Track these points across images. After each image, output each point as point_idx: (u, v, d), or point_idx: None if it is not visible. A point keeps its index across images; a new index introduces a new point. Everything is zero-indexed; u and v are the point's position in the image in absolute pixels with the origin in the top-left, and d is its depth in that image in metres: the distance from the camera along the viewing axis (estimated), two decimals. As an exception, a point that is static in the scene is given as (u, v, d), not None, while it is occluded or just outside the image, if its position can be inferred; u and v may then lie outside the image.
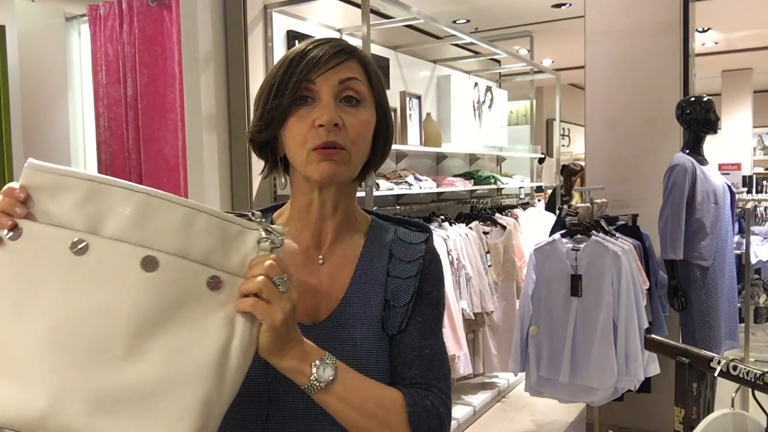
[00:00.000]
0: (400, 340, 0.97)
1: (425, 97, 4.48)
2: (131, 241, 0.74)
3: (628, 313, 2.94)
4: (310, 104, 0.92)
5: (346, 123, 0.92)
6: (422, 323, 0.98)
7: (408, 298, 0.97)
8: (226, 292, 0.78)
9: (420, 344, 0.97)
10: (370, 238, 1.02)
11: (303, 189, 0.98)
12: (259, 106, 0.95)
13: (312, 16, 3.48)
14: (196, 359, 0.75)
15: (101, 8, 3.30)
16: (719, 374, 1.41)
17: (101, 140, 3.32)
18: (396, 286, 0.98)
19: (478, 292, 3.80)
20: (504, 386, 4.48)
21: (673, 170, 3.21)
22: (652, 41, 3.60)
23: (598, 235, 3.08)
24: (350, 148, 0.93)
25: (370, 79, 0.97)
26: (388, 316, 0.97)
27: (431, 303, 1.00)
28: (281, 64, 0.94)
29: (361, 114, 0.94)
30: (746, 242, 3.75)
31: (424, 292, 0.99)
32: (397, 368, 0.96)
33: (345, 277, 0.98)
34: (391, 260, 1.00)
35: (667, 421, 1.82)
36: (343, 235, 1.01)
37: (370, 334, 0.95)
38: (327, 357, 0.85)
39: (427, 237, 1.03)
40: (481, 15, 5.91)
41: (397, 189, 3.67)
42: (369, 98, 0.96)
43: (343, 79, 0.93)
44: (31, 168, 0.76)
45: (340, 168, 0.92)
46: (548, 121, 9.73)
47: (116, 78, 3.25)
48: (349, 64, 0.94)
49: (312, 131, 0.91)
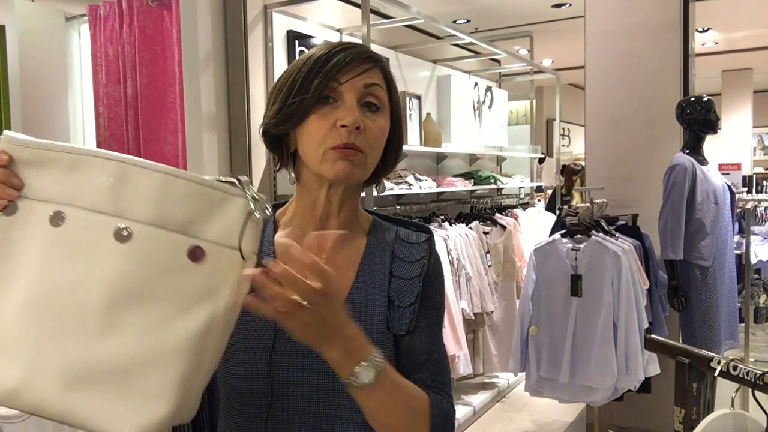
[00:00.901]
0: (410, 343, 0.97)
1: (425, 97, 4.48)
2: (105, 211, 0.71)
3: (628, 313, 2.94)
4: (332, 104, 0.93)
5: (367, 127, 0.93)
6: (429, 326, 0.99)
7: (413, 299, 0.98)
8: (210, 263, 0.73)
9: (429, 348, 0.98)
10: (373, 238, 1.03)
11: (311, 186, 0.99)
12: (278, 100, 0.95)
13: (312, 16, 3.48)
14: (176, 335, 0.72)
15: (101, 8, 3.29)
16: (719, 374, 1.41)
17: (101, 140, 3.32)
18: (400, 286, 0.98)
19: (478, 292, 3.80)
20: (504, 386, 4.48)
21: (673, 170, 3.21)
22: (652, 41, 3.60)
23: (598, 235, 3.08)
24: (368, 152, 0.94)
25: (389, 87, 0.99)
26: (393, 316, 0.97)
27: (435, 306, 1.01)
28: (305, 61, 0.94)
29: (379, 120, 0.96)
30: (746, 242, 3.74)
31: (429, 295, 1.00)
32: (407, 371, 0.96)
33: (348, 277, 0.99)
34: (394, 260, 1.00)
35: (667, 421, 1.82)
36: (346, 235, 1.01)
37: (375, 334, 0.94)
38: (373, 357, 0.83)
39: (428, 237, 1.04)
40: (481, 15, 5.91)
41: (397, 189, 3.67)
42: (387, 106, 0.98)
43: (368, 84, 0.94)
44: (10, 142, 0.73)
45: (356, 169, 0.93)
46: (548, 121, 9.73)
47: (116, 78, 3.25)
48: (374, 71, 0.96)
49: (333, 131, 0.92)
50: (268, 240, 1.03)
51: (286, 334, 0.91)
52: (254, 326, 0.96)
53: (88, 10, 3.36)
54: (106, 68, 3.28)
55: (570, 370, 3.05)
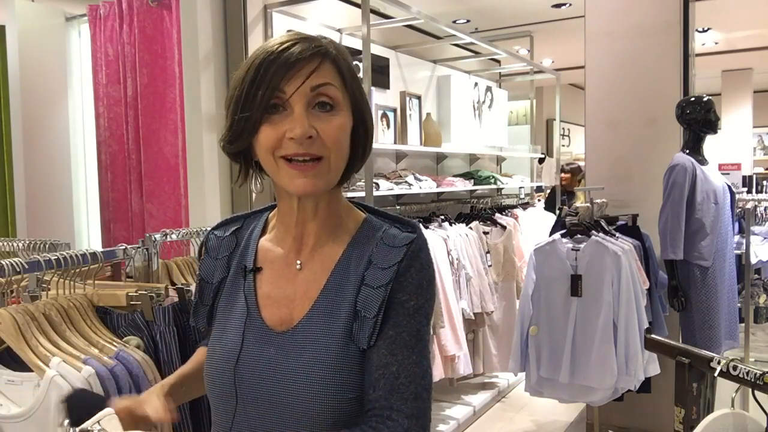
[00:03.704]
0: (368, 358, 0.90)
1: (425, 97, 4.48)
2: None
3: (628, 313, 2.94)
4: (281, 112, 0.89)
5: (321, 131, 0.89)
6: (394, 337, 0.90)
7: (376, 309, 0.90)
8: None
9: (386, 361, 0.89)
10: (354, 242, 0.97)
11: (282, 195, 0.97)
12: (228, 114, 0.92)
13: (312, 16, 3.48)
14: None
15: (101, 8, 3.29)
16: (719, 374, 1.41)
17: (101, 140, 3.32)
18: (367, 295, 0.91)
19: (478, 292, 3.80)
20: (504, 386, 4.48)
21: (673, 170, 3.20)
22: (652, 41, 3.60)
23: (598, 235, 3.08)
24: (328, 156, 0.90)
25: (344, 80, 0.93)
26: (358, 328, 0.91)
27: (407, 313, 0.91)
28: (247, 69, 0.89)
29: (335, 119, 0.90)
30: (746, 242, 3.74)
31: (399, 302, 0.91)
32: (365, 389, 0.90)
33: (319, 284, 0.95)
34: (369, 267, 0.93)
35: (667, 421, 1.82)
36: (326, 239, 0.98)
37: (332, 346, 0.90)
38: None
39: (411, 240, 0.94)
40: (481, 15, 5.90)
41: (397, 189, 3.67)
42: (344, 101, 0.92)
43: (315, 86, 0.89)
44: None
45: (319, 181, 0.90)
46: (548, 121, 9.72)
47: (116, 78, 3.25)
48: (321, 67, 0.90)
49: (284, 141, 0.89)
50: (254, 241, 1.02)
51: (252, 344, 0.93)
52: (227, 333, 0.97)
53: (88, 10, 3.36)
54: (106, 68, 3.28)
55: (570, 370, 3.05)
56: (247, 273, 0.99)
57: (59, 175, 3.49)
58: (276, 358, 0.92)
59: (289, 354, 0.91)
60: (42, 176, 3.38)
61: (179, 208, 3.07)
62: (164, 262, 1.96)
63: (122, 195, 3.25)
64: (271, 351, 0.92)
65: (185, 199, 3.03)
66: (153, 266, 1.83)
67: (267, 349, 0.93)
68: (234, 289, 1.00)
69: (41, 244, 2.01)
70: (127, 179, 3.23)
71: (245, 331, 0.95)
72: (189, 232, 2.02)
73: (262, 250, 1.01)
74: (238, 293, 0.99)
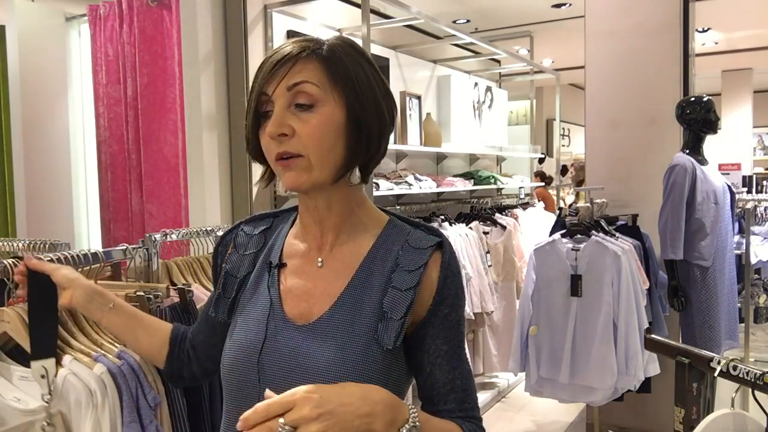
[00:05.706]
0: (431, 374, 0.96)
1: (425, 97, 4.48)
2: None
3: (628, 313, 2.94)
4: (270, 118, 0.93)
5: (297, 130, 0.91)
6: (449, 352, 0.96)
7: (404, 311, 0.93)
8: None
9: (451, 376, 0.96)
10: (379, 243, 0.99)
11: (300, 195, 1.01)
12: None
13: (312, 16, 3.48)
14: None
15: (101, 8, 3.29)
16: (719, 374, 1.41)
17: (101, 140, 3.32)
18: (394, 297, 0.94)
19: (478, 292, 3.80)
20: (504, 386, 4.48)
21: (673, 170, 3.20)
22: (652, 41, 3.60)
23: (598, 235, 3.08)
24: (306, 153, 0.92)
25: (331, 77, 0.92)
26: (383, 329, 0.93)
27: (452, 326, 0.97)
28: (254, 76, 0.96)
29: (314, 118, 0.91)
30: (746, 242, 3.74)
31: (443, 315, 0.95)
32: (432, 402, 0.96)
33: (341, 282, 0.97)
34: (396, 269, 0.96)
35: (667, 421, 1.82)
36: (346, 237, 1.00)
37: (354, 344, 0.92)
38: (411, 419, 0.83)
39: (436, 243, 0.97)
40: (481, 15, 5.91)
41: (397, 189, 3.67)
42: (327, 97, 0.92)
43: (290, 85, 0.91)
44: None
45: (302, 176, 0.93)
46: (548, 121, 9.73)
47: (116, 78, 3.24)
48: (300, 66, 0.92)
49: (270, 143, 0.93)
50: (281, 239, 1.06)
51: (274, 335, 0.96)
52: (251, 324, 0.99)
53: (88, 10, 3.35)
54: (106, 68, 3.27)
55: (570, 370, 3.05)
56: (272, 268, 1.03)
57: (59, 175, 3.49)
58: (298, 349, 0.94)
59: (310, 346, 0.93)
60: (42, 176, 3.38)
61: (179, 208, 3.07)
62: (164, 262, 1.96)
63: (122, 195, 3.25)
64: (292, 342, 0.95)
65: (185, 199, 3.03)
66: (153, 266, 1.83)
67: (289, 340, 0.95)
68: (258, 283, 1.03)
69: (41, 244, 2.01)
70: (127, 179, 3.23)
71: (268, 322, 0.98)
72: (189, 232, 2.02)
73: (287, 247, 1.05)
74: (262, 287, 1.03)
